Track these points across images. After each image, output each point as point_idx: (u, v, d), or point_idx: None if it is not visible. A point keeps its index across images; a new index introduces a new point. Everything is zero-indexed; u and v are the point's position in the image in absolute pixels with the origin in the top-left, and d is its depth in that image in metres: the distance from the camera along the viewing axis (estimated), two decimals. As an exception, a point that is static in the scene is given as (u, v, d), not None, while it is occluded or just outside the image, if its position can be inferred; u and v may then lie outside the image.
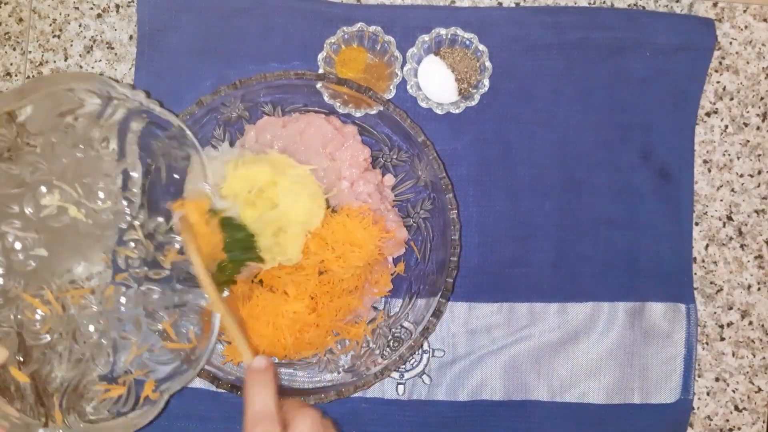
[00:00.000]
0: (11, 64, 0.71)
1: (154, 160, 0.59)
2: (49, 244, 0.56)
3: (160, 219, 0.59)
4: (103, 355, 0.58)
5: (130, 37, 0.71)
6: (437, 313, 0.61)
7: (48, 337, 0.56)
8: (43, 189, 0.56)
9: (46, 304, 0.56)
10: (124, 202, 0.58)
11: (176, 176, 0.59)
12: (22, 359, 0.54)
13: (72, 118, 0.56)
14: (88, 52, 0.71)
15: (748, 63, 0.71)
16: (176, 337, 0.58)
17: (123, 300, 0.58)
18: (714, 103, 0.71)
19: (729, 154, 0.71)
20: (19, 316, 0.55)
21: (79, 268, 0.58)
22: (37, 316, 0.56)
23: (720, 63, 0.71)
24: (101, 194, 0.58)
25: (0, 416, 0.49)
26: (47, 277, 0.57)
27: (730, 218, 0.71)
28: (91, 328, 0.57)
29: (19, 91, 0.54)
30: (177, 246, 0.58)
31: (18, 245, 0.55)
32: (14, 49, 0.72)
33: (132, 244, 0.58)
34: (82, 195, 0.57)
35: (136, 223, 0.58)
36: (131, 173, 0.59)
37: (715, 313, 0.70)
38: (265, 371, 0.51)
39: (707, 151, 0.71)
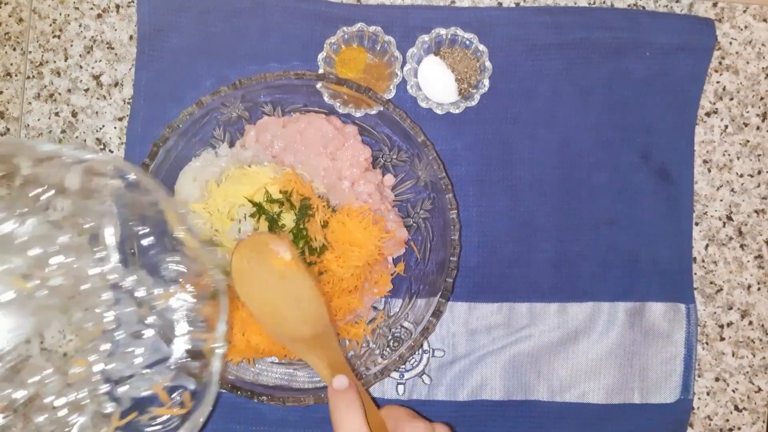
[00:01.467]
0: (11, 64, 0.71)
1: (129, 216, 0.53)
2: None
3: (143, 274, 0.53)
4: None
5: (130, 37, 0.71)
6: (437, 313, 0.61)
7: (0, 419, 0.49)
8: None
9: (4, 381, 0.49)
10: (96, 261, 0.52)
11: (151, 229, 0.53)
12: None
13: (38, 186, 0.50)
14: (88, 52, 0.71)
15: (748, 63, 0.71)
16: (168, 400, 0.52)
17: (95, 369, 0.51)
18: (714, 103, 0.71)
19: (729, 154, 0.71)
20: None
21: (49, 334, 0.52)
22: None
23: (720, 63, 0.71)
24: (59, 258, 0.50)
25: None
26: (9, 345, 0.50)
27: (730, 218, 0.70)
28: (60, 401, 0.50)
29: None
30: (159, 302, 0.53)
31: None
32: (14, 49, 0.72)
33: (108, 304, 0.52)
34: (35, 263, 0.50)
35: (115, 280, 0.52)
36: (105, 230, 0.53)
37: (715, 313, 0.70)
38: (348, 390, 0.49)
39: (707, 151, 0.71)
